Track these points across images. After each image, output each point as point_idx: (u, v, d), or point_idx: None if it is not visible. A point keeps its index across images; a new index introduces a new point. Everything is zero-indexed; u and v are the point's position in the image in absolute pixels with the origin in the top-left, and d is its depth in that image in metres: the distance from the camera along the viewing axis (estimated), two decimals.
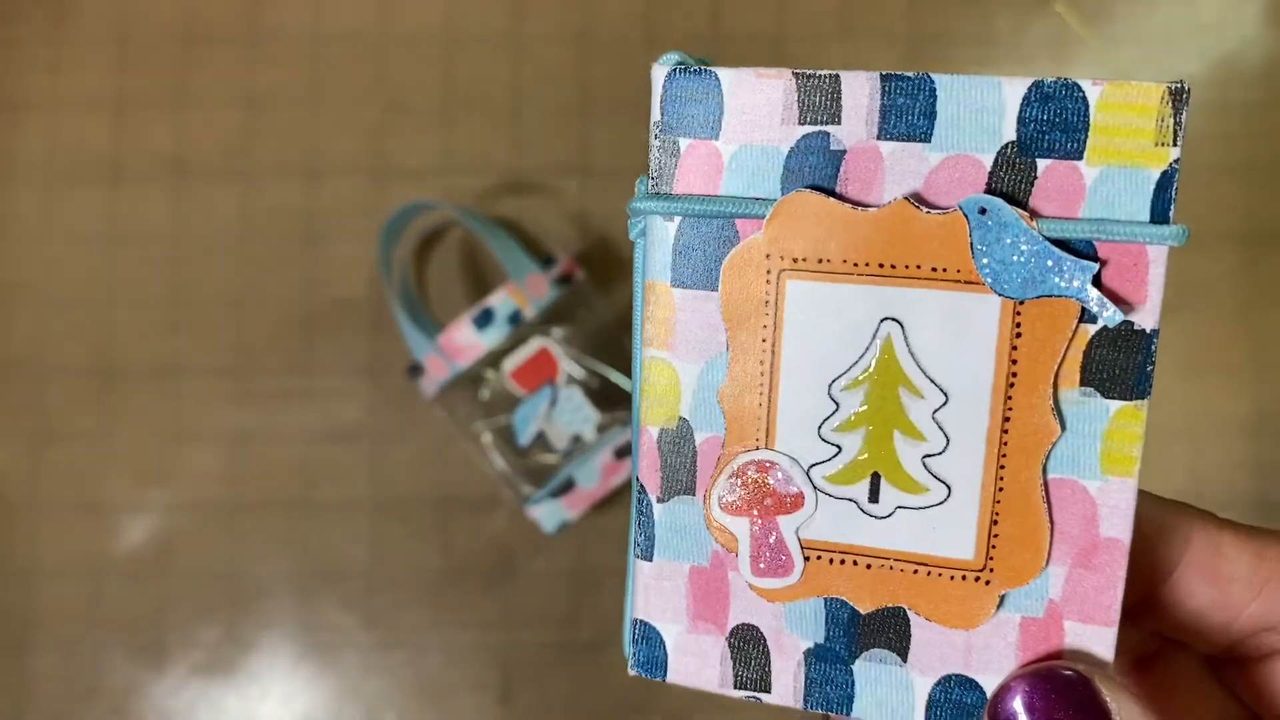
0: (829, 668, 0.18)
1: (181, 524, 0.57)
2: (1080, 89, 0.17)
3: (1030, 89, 0.17)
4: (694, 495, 0.18)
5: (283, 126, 0.59)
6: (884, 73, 0.17)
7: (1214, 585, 0.19)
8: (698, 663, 0.19)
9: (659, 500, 0.19)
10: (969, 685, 0.18)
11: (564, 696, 0.56)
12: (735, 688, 0.19)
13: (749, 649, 0.19)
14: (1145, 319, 0.17)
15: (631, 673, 0.20)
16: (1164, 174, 0.17)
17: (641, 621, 0.19)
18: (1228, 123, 0.60)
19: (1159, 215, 0.17)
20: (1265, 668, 0.19)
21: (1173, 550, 0.19)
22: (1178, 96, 0.17)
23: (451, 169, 0.59)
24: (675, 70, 0.18)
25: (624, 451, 0.53)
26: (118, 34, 0.59)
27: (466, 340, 0.51)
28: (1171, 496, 0.20)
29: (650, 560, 0.19)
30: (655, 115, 0.18)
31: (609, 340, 0.56)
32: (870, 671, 0.18)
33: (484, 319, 0.51)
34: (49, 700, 0.56)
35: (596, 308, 0.57)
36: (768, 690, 0.19)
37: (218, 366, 0.57)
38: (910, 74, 0.17)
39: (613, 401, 0.55)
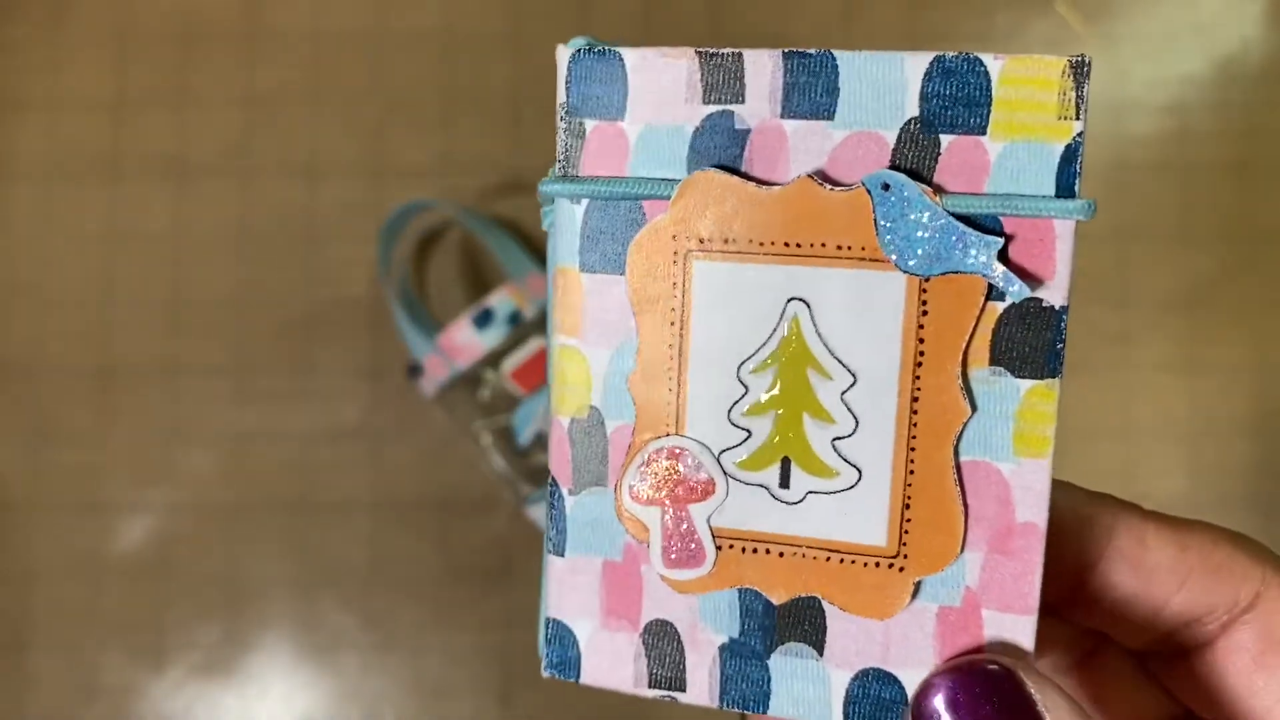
0: (744, 663, 0.18)
1: (180, 524, 0.57)
2: (982, 63, 0.16)
3: (932, 64, 0.16)
4: (605, 486, 0.18)
5: (282, 126, 0.59)
6: (786, 50, 0.16)
7: (1138, 576, 0.18)
8: (611, 661, 0.19)
9: (570, 493, 0.18)
10: (887, 679, 0.17)
11: (563, 697, 0.56)
12: (650, 686, 0.19)
13: (663, 645, 0.18)
14: (1054, 295, 0.17)
15: (545, 674, 0.19)
16: (1068, 148, 0.16)
17: (554, 620, 0.19)
18: (1228, 122, 0.60)
19: (1064, 189, 0.16)
20: (1192, 661, 0.19)
21: (1097, 541, 0.18)
22: (1079, 70, 0.16)
23: (451, 169, 0.59)
24: (579, 51, 0.17)
25: None
26: (117, 33, 0.59)
27: (466, 340, 0.51)
28: (1170, 498, 0.20)
29: (562, 556, 0.18)
30: (560, 97, 0.18)
31: None
32: (786, 666, 0.18)
33: (483, 319, 0.51)
34: (48, 700, 0.56)
35: None
36: (683, 689, 0.18)
37: (217, 366, 0.57)
38: (812, 50, 0.16)
39: None
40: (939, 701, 0.16)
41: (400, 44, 0.59)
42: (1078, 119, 0.16)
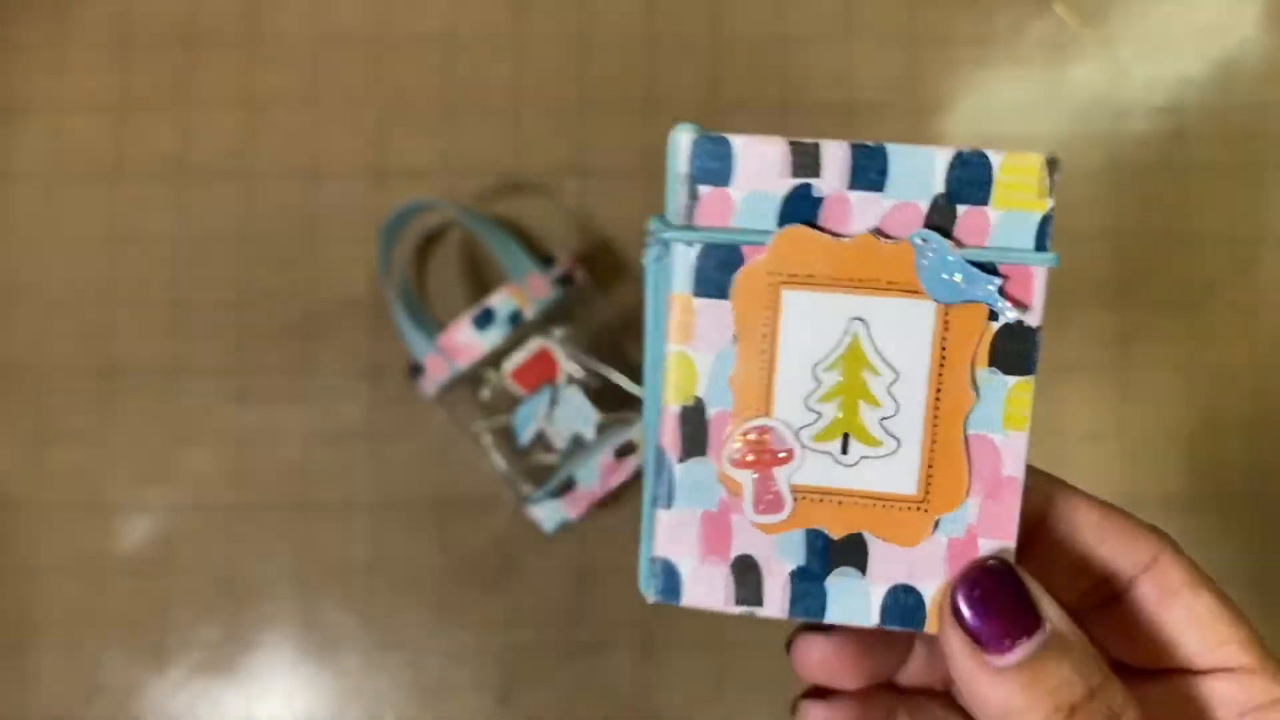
0: (808, 584, 0.25)
1: (182, 524, 0.57)
2: (987, 157, 0.24)
3: (954, 157, 0.24)
4: (705, 456, 0.25)
5: (283, 127, 0.59)
6: (853, 142, 0.24)
7: (1071, 530, 0.25)
8: (707, 587, 0.25)
9: (679, 460, 0.25)
10: (910, 591, 0.24)
11: (563, 696, 0.56)
12: (736, 604, 0.25)
13: (747, 574, 0.25)
14: (1032, 318, 0.24)
15: (651, 600, 0.25)
16: (1044, 217, 0.24)
17: (660, 559, 0.25)
18: (1226, 123, 0.60)
19: (1040, 245, 0.24)
20: (1112, 611, 0.25)
21: (1045, 503, 0.25)
22: (1052, 165, 0.24)
23: (451, 169, 0.59)
24: (699, 138, 0.24)
25: (624, 451, 0.53)
26: (119, 36, 0.59)
27: (466, 340, 0.52)
28: (1168, 496, 0.26)
29: (669, 508, 0.25)
30: (682, 168, 0.24)
31: (609, 340, 0.57)
32: (839, 585, 0.24)
33: (484, 319, 0.52)
34: (49, 699, 0.56)
35: (596, 308, 0.57)
36: (760, 604, 0.25)
37: (218, 367, 0.57)
38: (871, 143, 0.24)
39: (613, 402, 0.56)
40: (961, 600, 0.23)
41: (400, 45, 0.59)
42: (1050, 197, 0.24)
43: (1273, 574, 0.58)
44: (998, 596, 0.23)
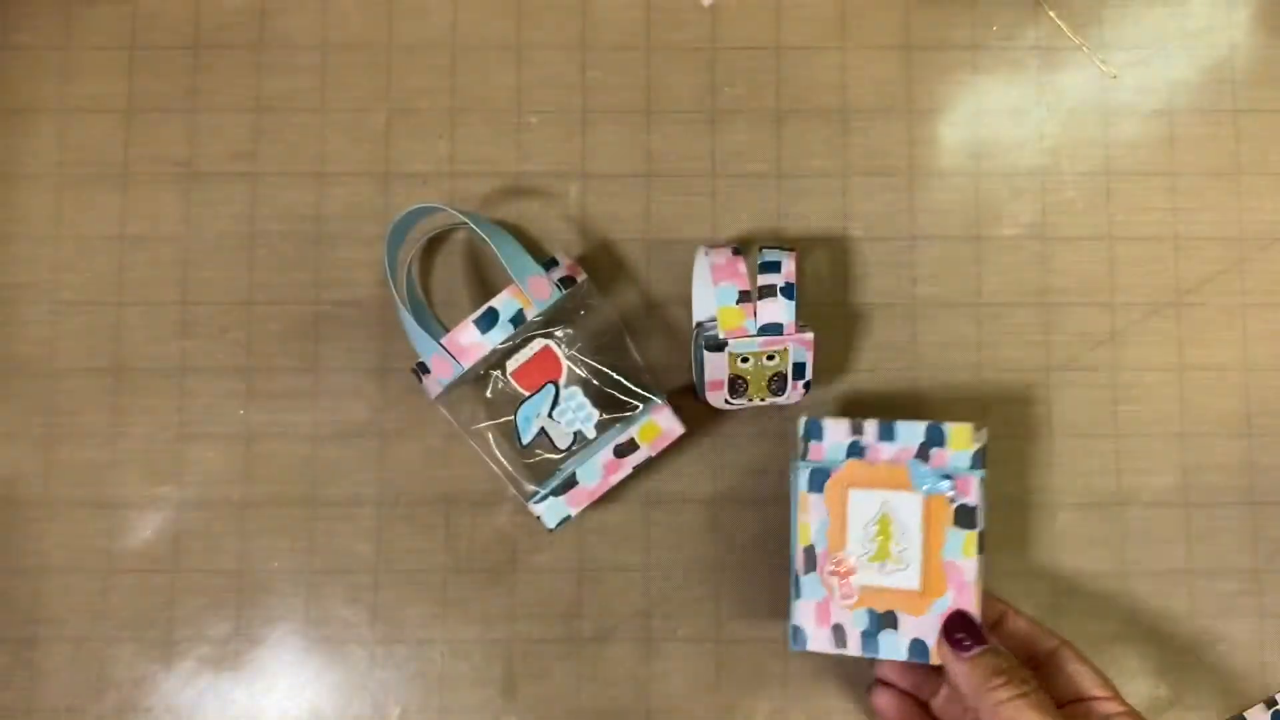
0: (870, 638, 0.50)
1: (190, 521, 0.57)
2: (944, 429, 0.50)
3: (927, 428, 0.50)
4: (816, 571, 0.51)
5: (291, 131, 0.59)
6: (881, 421, 0.51)
7: (1013, 628, 0.51)
8: (819, 642, 0.50)
9: (803, 574, 0.51)
10: (920, 641, 0.49)
11: (566, 690, 0.57)
12: (835, 648, 0.50)
13: (838, 633, 0.50)
14: (972, 501, 0.49)
15: (793, 649, 0.51)
16: (974, 452, 0.49)
17: (797, 625, 0.51)
18: (1218, 127, 0.60)
19: (976, 465, 0.49)
20: (1045, 668, 0.50)
21: (998, 611, 0.52)
22: (978, 430, 0.49)
23: (456, 173, 0.59)
24: (809, 420, 0.52)
25: (624, 450, 0.54)
26: (127, 40, 0.60)
27: (471, 341, 0.52)
28: (1160, 494, 0.59)
29: (799, 599, 0.51)
30: (800, 432, 0.52)
31: (610, 340, 0.57)
32: (885, 637, 0.50)
33: (488, 320, 0.52)
34: (59, 694, 0.57)
35: (597, 309, 0.57)
36: (845, 647, 0.50)
37: (226, 366, 0.58)
38: (887, 421, 0.50)
39: (614, 401, 0.56)
40: (947, 623, 0.49)
41: (407, 51, 0.60)
42: (976, 443, 0.49)
43: (1264, 572, 0.58)
44: (962, 625, 0.48)
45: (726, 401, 0.55)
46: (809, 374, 0.55)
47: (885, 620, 0.49)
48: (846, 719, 0.58)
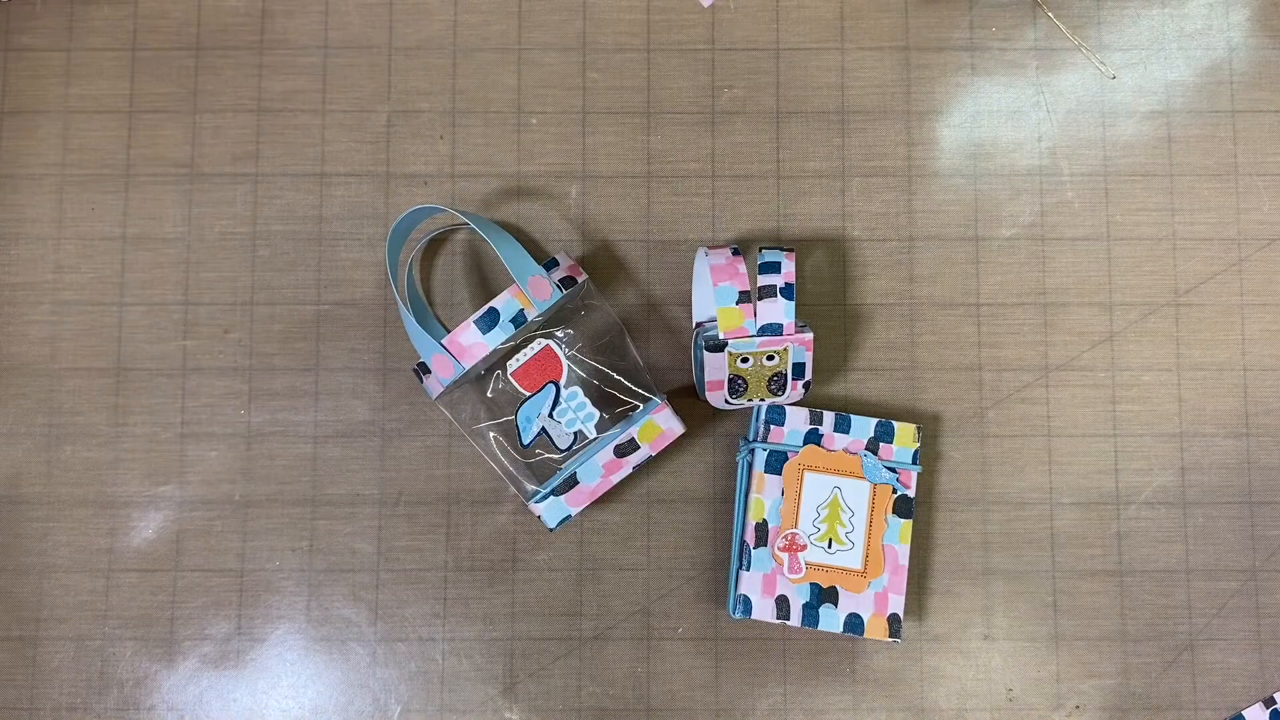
0: (810, 610, 0.57)
1: (192, 520, 0.58)
2: (893, 426, 0.59)
3: (877, 424, 0.59)
4: (767, 546, 0.57)
5: (292, 132, 0.59)
6: (837, 413, 0.59)
7: None
8: (762, 610, 0.56)
9: (754, 547, 0.57)
10: (857, 616, 0.57)
11: (566, 688, 0.57)
12: (776, 618, 0.56)
13: (782, 604, 0.57)
14: (911, 492, 0.58)
15: (735, 617, 0.56)
16: (915, 451, 0.59)
17: (743, 595, 0.56)
18: (1215, 128, 0.60)
19: (915, 461, 0.59)
20: None
21: None
22: (920, 430, 0.59)
23: (456, 174, 0.59)
24: (770, 405, 0.57)
25: (624, 449, 0.54)
26: (129, 42, 0.60)
27: (471, 341, 0.52)
28: (1158, 492, 0.58)
29: (748, 571, 0.57)
30: (762, 416, 0.58)
31: (610, 341, 0.57)
32: (824, 611, 0.57)
33: (489, 320, 0.52)
34: (62, 692, 0.57)
35: (598, 309, 0.57)
36: (788, 619, 0.56)
37: (228, 366, 0.58)
38: (844, 414, 0.59)
39: (614, 401, 0.56)
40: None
41: (407, 53, 0.60)
42: (917, 441, 0.59)
43: (1261, 570, 0.58)
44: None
45: (726, 401, 0.55)
46: (809, 374, 0.55)
47: (827, 595, 0.57)
48: (843, 716, 0.58)
